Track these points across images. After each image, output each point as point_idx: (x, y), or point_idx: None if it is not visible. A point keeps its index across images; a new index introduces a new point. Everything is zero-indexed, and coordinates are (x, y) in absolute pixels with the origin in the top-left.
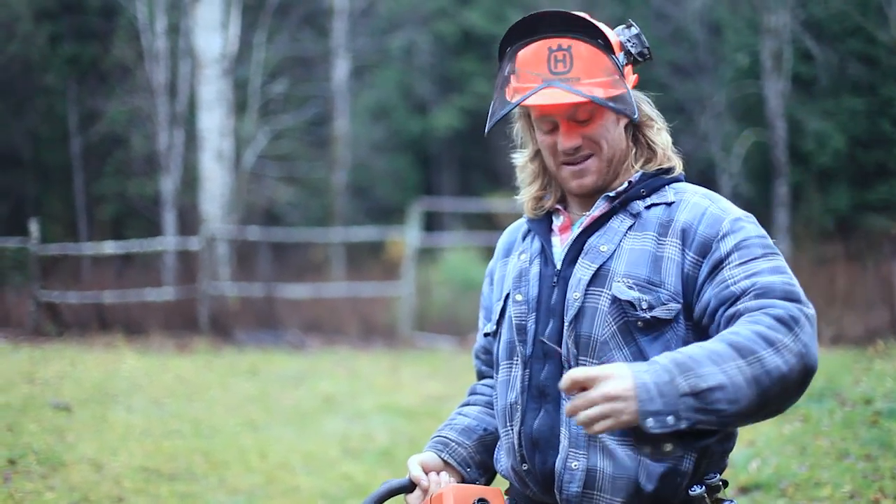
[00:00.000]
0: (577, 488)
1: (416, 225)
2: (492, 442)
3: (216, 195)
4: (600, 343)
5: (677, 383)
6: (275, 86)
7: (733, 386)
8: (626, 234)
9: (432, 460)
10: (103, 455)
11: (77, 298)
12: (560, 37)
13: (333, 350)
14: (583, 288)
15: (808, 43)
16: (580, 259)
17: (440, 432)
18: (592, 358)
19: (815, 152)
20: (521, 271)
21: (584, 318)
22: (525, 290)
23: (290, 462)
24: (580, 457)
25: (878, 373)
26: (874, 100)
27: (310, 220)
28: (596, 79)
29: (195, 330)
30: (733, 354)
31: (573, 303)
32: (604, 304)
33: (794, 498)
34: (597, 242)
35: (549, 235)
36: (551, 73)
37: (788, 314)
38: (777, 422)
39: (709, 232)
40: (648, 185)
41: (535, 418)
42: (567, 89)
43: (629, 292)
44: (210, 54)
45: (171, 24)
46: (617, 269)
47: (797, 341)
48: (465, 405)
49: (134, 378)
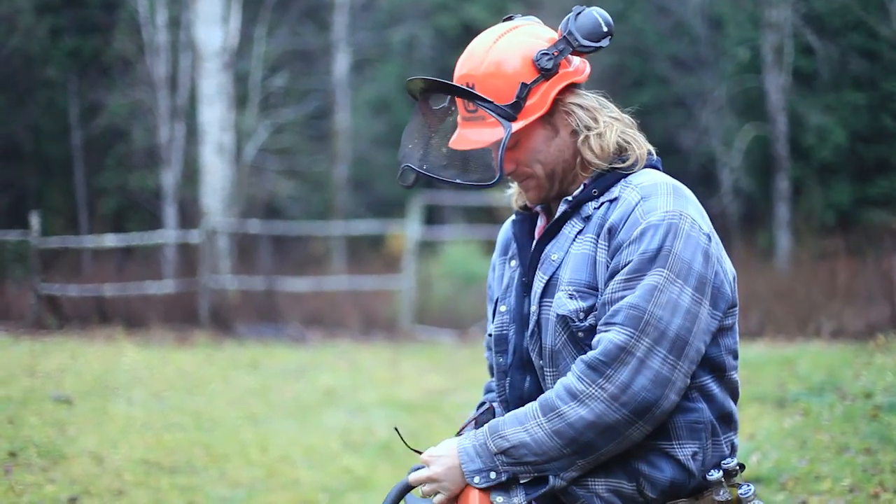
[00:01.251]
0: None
1: (416, 218)
2: None
3: (217, 188)
4: (555, 352)
5: (489, 444)
6: (275, 79)
7: (535, 442)
8: (574, 239)
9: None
10: (104, 448)
11: (78, 291)
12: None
13: (334, 343)
14: (537, 300)
15: (809, 37)
16: (537, 270)
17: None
18: (554, 367)
19: (816, 147)
20: (508, 281)
21: (543, 330)
22: (508, 301)
23: (290, 455)
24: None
25: (878, 367)
26: (875, 94)
27: (310, 214)
28: (494, 118)
29: (196, 323)
30: (536, 413)
31: (532, 315)
32: (552, 315)
33: (794, 491)
34: (550, 251)
35: (528, 240)
36: (466, 112)
37: (603, 356)
38: (777, 416)
39: (623, 236)
40: (600, 183)
41: None
42: (472, 136)
43: (567, 304)
44: (211, 48)
45: (171, 17)
46: (563, 278)
47: (606, 386)
48: (483, 405)
49: (134, 371)
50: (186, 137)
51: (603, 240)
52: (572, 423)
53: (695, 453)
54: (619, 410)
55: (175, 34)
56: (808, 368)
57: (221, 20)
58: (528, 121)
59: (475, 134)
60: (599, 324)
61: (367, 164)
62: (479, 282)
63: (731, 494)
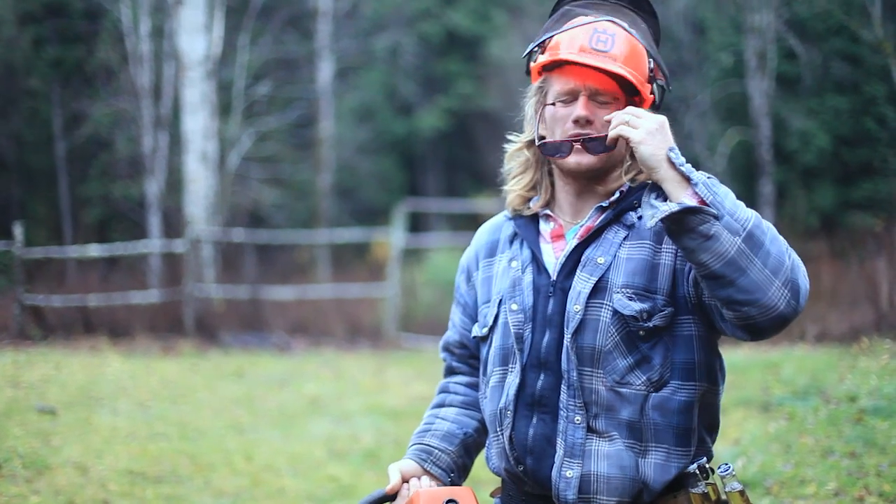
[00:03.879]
0: (573, 496)
1: (401, 226)
2: (472, 443)
3: (201, 197)
4: (604, 353)
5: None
6: (259, 88)
7: (728, 214)
8: (621, 244)
9: (412, 468)
10: (88, 458)
11: (62, 301)
12: (609, 21)
13: (319, 352)
14: (583, 300)
15: (791, 42)
16: (578, 271)
17: (422, 439)
18: (596, 367)
19: (799, 151)
20: (514, 280)
21: (587, 330)
22: (520, 300)
23: (275, 464)
24: (574, 465)
25: (862, 370)
26: (858, 98)
27: (295, 222)
28: (629, 67)
29: (180, 332)
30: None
31: (574, 315)
32: (605, 315)
33: (780, 496)
34: (593, 254)
35: (538, 242)
36: (590, 46)
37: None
38: (762, 420)
39: None
40: (639, 196)
41: (528, 426)
42: (601, 64)
43: (631, 305)
44: (194, 56)
45: (154, 26)
46: (616, 281)
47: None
48: (441, 406)
49: (119, 381)
50: (170, 146)
51: (669, 244)
52: (763, 242)
53: (684, 459)
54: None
55: (158, 43)
56: (793, 372)
57: (204, 29)
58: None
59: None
60: None
61: (352, 171)
62: None
63: (708, 489)
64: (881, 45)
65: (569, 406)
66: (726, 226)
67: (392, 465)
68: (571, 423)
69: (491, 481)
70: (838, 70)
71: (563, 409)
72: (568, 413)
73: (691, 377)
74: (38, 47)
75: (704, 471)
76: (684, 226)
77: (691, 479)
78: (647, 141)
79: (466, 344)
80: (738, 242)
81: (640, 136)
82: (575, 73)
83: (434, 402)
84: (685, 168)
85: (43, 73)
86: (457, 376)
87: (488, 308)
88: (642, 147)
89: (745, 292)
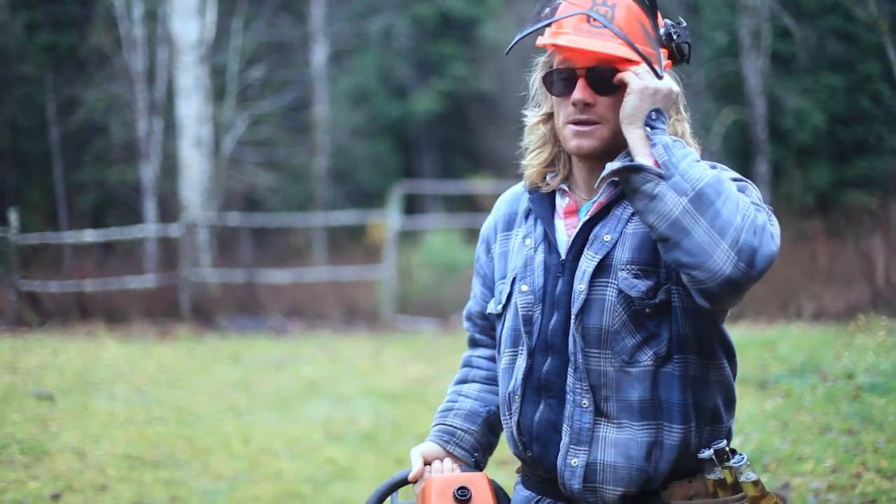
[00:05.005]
0: (578, 485)
1: (396, 208)
2: (496, 420)
3: (196, 182)
4: (612, 333)
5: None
6: (253, 71)
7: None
8: (629, 220)
9: (434, 450)
10: (86, 443)
11: (58, 287)
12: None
13: (315, 334)
14: (587, 280)
15: (786, 20)
16: (585, 250)
17: (444, 419)
18: (604, 348)
19: (794, 129)
20: (526, 259)
21: (592, 310)
22: (531, 280)
23: (273, 447)
24: (580, 453)
25: (859, 348)
26: (853, 76)
27: (290, 206)
28: (632, 34)
29: (177, 317)
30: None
31: (579, 295)
32: (611, 294)
33: (777, 473)
34: (601, 232)
35: (552, 219)
36: (588, 24)
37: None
38: (759, 398)
39: None
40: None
41: (535, 411)
42: (596, 47)
43: (637, 284)
44: (187, 41)
45: (148, 10)
46: (621, 258)
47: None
48: (464, 382)
49: (116, 366)
50: (164, 131)
51: None
52: (714, 202)
53: (697, 437)
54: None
55: (151, 28)
56: (790, 350)
57: (198, 13)
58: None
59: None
60: None
61: (347, 154)
62: (460, 270)
63: (724, 474)
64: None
65: (575, 390)
66: (673, 186)
67: (414, 449)
68: (578, 408)
69: (514, 459)
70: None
71: (569, 393)
72: (575, 397)
73: (684, 350)
74: (31, 33)
75: (722, 454)
76: (630, 185)
77: (707, 464)
78: (638, 95)
79: (485, 315)
80: (683, 202)
81: (635, 86)
82: (571, 53)
83: (457, 378)
84: (652, 131)
85: (36, 59)
86: (479, 349)
87: (503, 285)
88: (629, 98)
89: (690, 255)
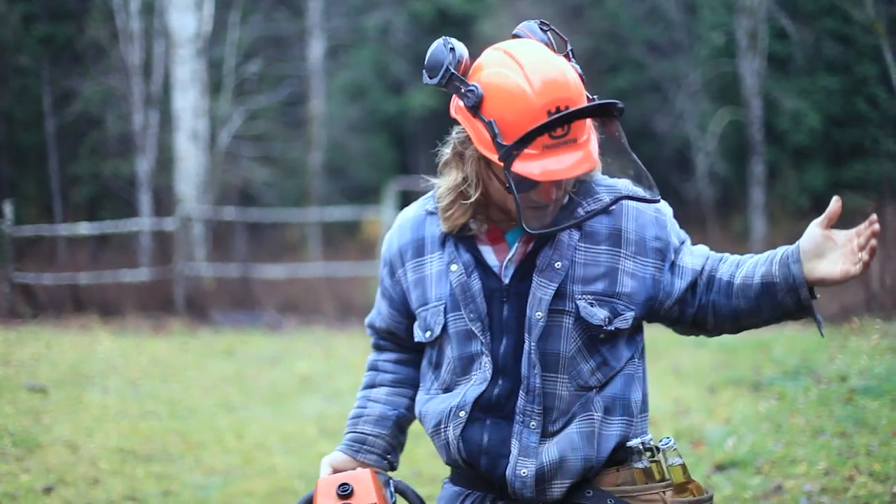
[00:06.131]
0: (530, 493)
1: (391, 204)
2: (405, 421)
3: (191, 175)
4: (568, 358)
5: None
6: (249, 66)
7: None
8: (576, 248)
9: (343, 461)
10: (79, 436)
11: (52, 280)
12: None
13: (310, 330)
14: (545, 307)
15: (783, 21)
16: (535, 276)
17: (356, 427)
18: (560, 373)
19: (790, 131)
20: (462, 285)
21: (550, 337)
22: (474, 308)
23: (266, 442)
24: (529, 464)
25: (853, 350)
26: (849, 78)
27: (285, 200)
28: (585, 135)
29: (171, 311)
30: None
31: (537, 322)
32: (567, 322)
33: (770, 475)
34: (552, 259)
35: (475, 244)
36: (550, 139)
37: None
38: (753, 399)
39: (661, 234)
40: (583, 191)
41: (482, 427)
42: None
43: (597, 312)
44: (184, 34)
45: (145, 3)
46: (575, 287)
47: None
48: (371, 386)
49: (109, 359)
50: (160, 124)
51: (629, 248)
52: None
53: (627, 427)
54: None
55: (148, 21)
56: (783, 352)
57: (195, 6)
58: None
59: (590, 151)
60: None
61: (342, 150)
62: None
63: (650, 464)
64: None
65: (525, 411)
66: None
67: (324, 459)
68: (527, 428)
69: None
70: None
71: (518, 414)
72: (524, 418)
73: (629, 359)
74: (27, 24)
75: (649, 449)
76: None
77: (634, 454)
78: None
79: (394, 332)
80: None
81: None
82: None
83: (365, 382)
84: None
85: (33, 51)
86: (385, 353)
87: (427, 313)
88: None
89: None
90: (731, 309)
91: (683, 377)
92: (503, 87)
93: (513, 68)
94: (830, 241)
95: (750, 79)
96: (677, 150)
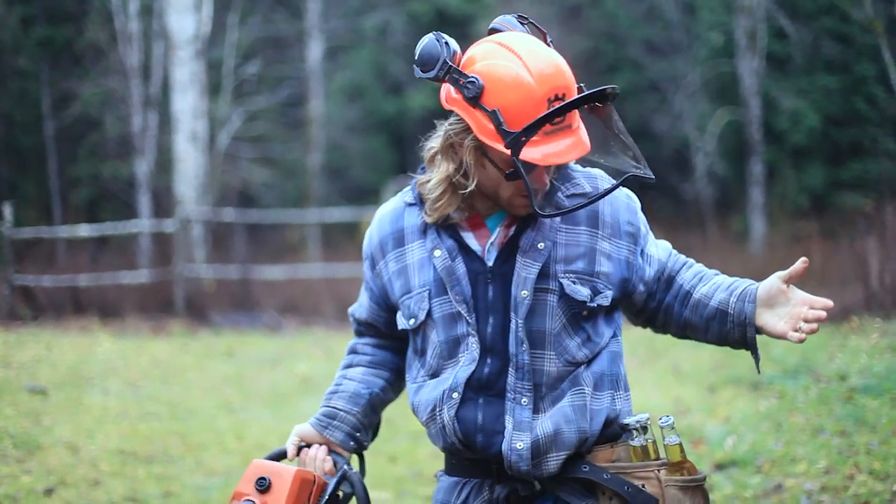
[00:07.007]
0: (526, 466)
1: None
2: (378, 402)
3: (190, 177)
4: (553, 335)
5: None
6: (248, 67)
7: None
8: (558, 229)
9: (311, 434)
10: (79, 438)
11: (52, 282)
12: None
13: (310, 331)
14: (531, 286)
15: (781, 21)
16: (519, 257)
17: (329, 402)
18: (547, 349)
19: (789, 130)
20: (447, 269)
21: (536, 315)
22: (459, 290)
23: (266, 443)
24: (524, 437)
25: (852, 349)
26: (848, 78)
27: (285, 202)
28: (577, 121)
29: (171, 312)
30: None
31: (522, 301)
32: (552, 299)
33: (770, 474)
34: (534, 239)
35: (456, 229)
36: (551, 125)
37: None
38: (753, 399)
39: (633, 220)
40: (561, 176)
41: (475, 407)
42: (575, 154)
43: (580, 290)
44: (183, 36)
45: (143, 5)
46: (558, 266)
47: None
48: (349, 367)
49: (110, 361)
50: (159, 126)
51: (605, 230)
52: None
53: (616, 401)
54: None
55: (147, 22)
56: (783, 351)
57: (194, 8)
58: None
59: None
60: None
61: (342, 150)
62: None
63: (646, 443)
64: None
65: (516, 388)
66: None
67: (297, 427)
68: (518, 405)
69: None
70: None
71: (509, 392)
72: (515, 395)
73: (611, 335)
74: (26, 26)
75: (645, 427)
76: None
77: (631, 431)
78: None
79: (373, 324)
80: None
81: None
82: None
83: (343, 363)
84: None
85: (32, 53)
86: (364, 337)
87: (412, 300)
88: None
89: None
90: (682, 318)
91: (683, 377)
92: (504, 76)
93: (511, 59)
94: (784, 297)
95: (749, 78)
96: (676, 150)
